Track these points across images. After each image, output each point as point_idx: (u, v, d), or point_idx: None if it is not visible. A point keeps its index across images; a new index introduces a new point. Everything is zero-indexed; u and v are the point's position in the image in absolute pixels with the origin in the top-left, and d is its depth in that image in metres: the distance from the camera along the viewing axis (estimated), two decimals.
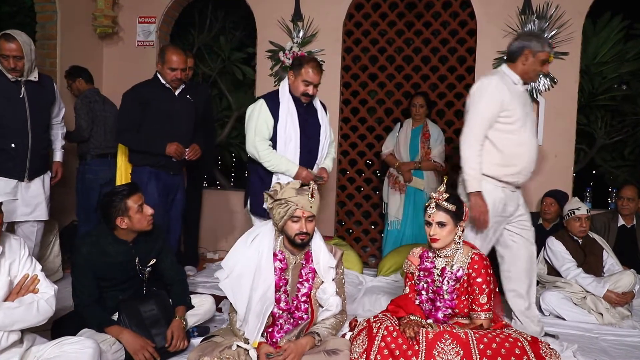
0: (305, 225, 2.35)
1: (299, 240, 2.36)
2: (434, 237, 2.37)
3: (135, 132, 3.36)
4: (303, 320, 2.39)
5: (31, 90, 3.18)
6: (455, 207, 2.37)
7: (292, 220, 2.35)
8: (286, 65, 4.63)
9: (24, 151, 3.15)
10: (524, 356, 2.11)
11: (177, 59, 3.32)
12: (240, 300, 2.36)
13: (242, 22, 5.83)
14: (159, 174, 3.41)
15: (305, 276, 2.42)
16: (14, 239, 2.15)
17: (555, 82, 4.21)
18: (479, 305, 2.33)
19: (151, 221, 2.60)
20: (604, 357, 2.71)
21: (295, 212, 2.33)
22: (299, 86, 3.07)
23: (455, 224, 2.38)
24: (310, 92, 3.08)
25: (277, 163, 3.05)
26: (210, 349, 2.24)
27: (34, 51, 3.16)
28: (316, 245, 2.45)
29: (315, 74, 3.06)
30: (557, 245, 3.49)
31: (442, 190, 2.40)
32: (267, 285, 2.35)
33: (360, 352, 2.23)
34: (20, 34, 3.09)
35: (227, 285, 2.41)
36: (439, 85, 4.62)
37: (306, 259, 2.44)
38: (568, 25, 4.14)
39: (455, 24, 4.50)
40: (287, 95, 3.11)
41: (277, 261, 2.41)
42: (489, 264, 2.40)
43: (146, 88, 3.40)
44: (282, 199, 2.34)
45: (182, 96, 3.48)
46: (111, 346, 2.35)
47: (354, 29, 4.71)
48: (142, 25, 4.93)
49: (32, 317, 2.04)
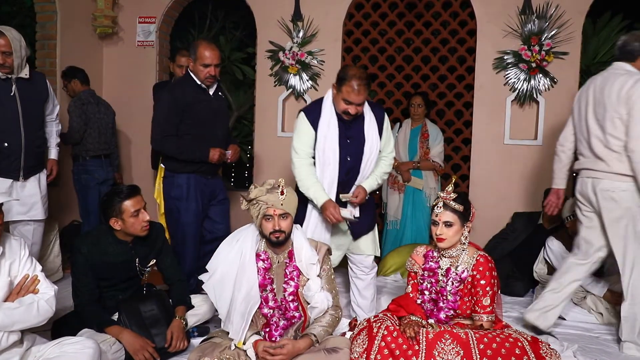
0: (279, 222, 2.35)
1: (274, 238, 2.36)
2: (440, 236, 2.36)
3: (178, 139, 3.14)
4: (296, 318, 2.39)
5: (22, 88, 3.10)
6: (463, 208, 2.36)
7: (265, 220, 2.36)
8: (286, 65, 4.64)
9: (17, 150, 3.10)
10: (524, 356, 2.11)
11: (210, 54, 3.11)
12: (222, 301, 2.37)
13: (242, 22, 5.84)
14: (198, 179, 3.21)
15: (289, 275, 2.42)
16: (14, 239, 2.15)
17: (555, 82, 4.21)
18: (482, 307, 2.32)
19: (146, 227, 2.56)
20: (603, 357, 2.71)
21: (267, 210, 2.34)
22: (340, 103, 2.70)
23: (462, 225, 2.37)
24: (351, 112, 2.69)
25: (307, 186, 2.74)
26: (210, 350, 2.24)
27: (24, 47, 3.07)
28: (298, 243, 2.45)
29: (358, 94, 2.63)
30: (557, 245, 3.49)
31: (450, 190, 2.39)
32: (251, 284, 2.35)
33: (360, 351, 2.23)
34: (9, 30, 3.02)
35: (210, 287, 2.42)
36: (439, 85, 4.62)
37: (289, 258, 2.45)
38: (568, 25, 4.14)
39: (455, 24, 4.51)
40: (330, 108, 2.77)
41: (260, 261, 2.42)
42: (494, 266, 2.39)
43: (180, 89, 3.17)
44: (254, 199, 2.36)
45: (217, 95, 3.29)
46: (111, 346, 2.35)
47: (354, 28, 4.71)
48: (142, 25, 4.93)
49: (32, 317, 2.04)
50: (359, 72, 2.66)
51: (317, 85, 4.63)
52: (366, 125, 2.80)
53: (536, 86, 4.22)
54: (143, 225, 2.54)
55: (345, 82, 2.64)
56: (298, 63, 4.62)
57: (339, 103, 2.71)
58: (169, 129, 3.11)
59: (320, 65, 4.62)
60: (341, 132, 2.75)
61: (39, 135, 3.29)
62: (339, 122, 2.75)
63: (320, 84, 4.63)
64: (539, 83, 4.22)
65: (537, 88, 4.22)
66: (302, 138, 2.77)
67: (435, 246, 2.45)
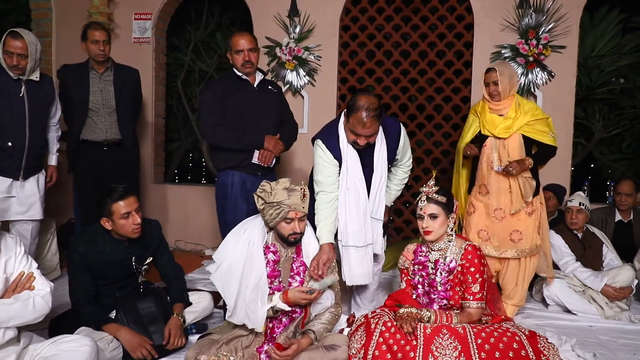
0: (298, 225, 2.36)
1: (292, 239, 2.39)
2: (426, 229, 2.40)
3: (227, 129, 2.96)
4: (297, 314, 2.39)
5: (31, 90, 3.17)
6: (446, 199, 2.40)
7: (285, 222, 2.35)
8: (283, 61, 4.62)
9: (20, 150, 3.14)
10: (521, 350, 2.11)
11: (240, 40, 2.97)
12: (229, 292, 2.35)
13: (239, 18, 5.81)
14: (244, 176, 2.99)
15: (296, 270, 2.43)
16: (10, 237, 2.14)
17: (552, 76, 4.20)
18: (472, 294, 2.33)
19: (137, 230, 2.52)
20: (602, 351, 2.71)
21: (289, 214, 2.33)
22: (349, 133, 2.58)
23: (447, 216, 2.41)
24: (360, 143, 2.55)
25: (317, 219, 2.60)
26: (208, 347, 2.24)
27: (39, 51, 3.15)
28: (307, 239, 2.46)
29: (365, 127, 2.46)
30: (557, 238, 3.50)
31: (432, 184, 2.43)
32: (259, 274, 2.34)
33: (358, 347, 2.23)
34: (27, 34, 3.08)
35: (217, 278, 2.40)
36: (437, 80, 4.61)
37: (297, 253, 2.45)
38: (565, 18, 4.13)
39: (453, 18, 4.49)
40: (344, 136, 2.64)
41: (270, 253, 2.41)
42: (482, 254, 2.43)
43: (219, 81, 3.10)
44: (275, 202, 2.33)
45: (263, 87, 3.10)
46: (109, 344, 2.35)
47: (350, 24, 4.69)
48: (138, 22, 4.91)
49: (29, 313, 2.03)
50: (369, 102, 2.45)
51: (314, 81, 4.62)
52: (376, 155, 2.68)
53: (534, 80, 4.21)
54: (134, 227, 2.51)
55: (353, 112, 2.48)
56: (295, 59, 4.61)
57: (347, 133, 2.59)
58: (215, 119, 2.96)
59: (317, 61, 4.61)
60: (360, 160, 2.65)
61: (42, 137, 3.34)
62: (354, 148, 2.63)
63: (317, 79, 4.61)
64: (536, 77, 4.21)
65: (534, 82, 4.21)
66: (326, 171, 2.63)
67: (424, 241, 2.47)
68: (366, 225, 2.68)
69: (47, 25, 4.53)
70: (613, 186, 4.27)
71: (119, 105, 3.62)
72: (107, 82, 3.59)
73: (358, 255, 2.67)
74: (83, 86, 3.53)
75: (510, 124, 3.02)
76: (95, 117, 3.57)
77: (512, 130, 3.02)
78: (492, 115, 3.09)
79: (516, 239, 3.08)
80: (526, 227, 3.08)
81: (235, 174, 3.00)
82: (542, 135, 3.07)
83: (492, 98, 3.07)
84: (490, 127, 3.06)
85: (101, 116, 3.57)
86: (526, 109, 3.06)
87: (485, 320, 2.37)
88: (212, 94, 3.00)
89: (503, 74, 3.00)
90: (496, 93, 3.04)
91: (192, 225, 4.96)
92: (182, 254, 4.60)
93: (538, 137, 3.06)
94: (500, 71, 3.00)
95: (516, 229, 3.08)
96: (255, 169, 3.01)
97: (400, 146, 2.77)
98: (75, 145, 3.58)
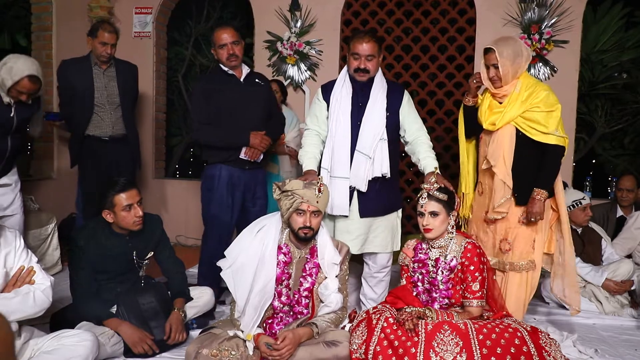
0: (310, 219, 2.33)
1: (302, 234, 2.35)
2: (427, 227, 2.37)
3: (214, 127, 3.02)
4: (303, 314, 2.38)
5: (20, 109, 3.07)
6: (447, 197, 2.37)
7: (297, 214, 2.33)
8: (284, 56, 4.60)
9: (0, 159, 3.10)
10: (523, 346, 2.10)
11: (221, 34, 2.98)
12: (240, 291, 2.34)
13: (240, 12, 5.79)
14: (231, 170, 3.05)
15: (308, 271, 2.40)
16: (9, 231, 2.14)
17: (555, 71, 4.18)
18: (472, 293, 2.32)
19: (139, 222, 2.52)
20: (603, 347, 2.71)
21: (301, 205, 2.31)
22: (351, 63, 2.70)
23: (448, 214, 2.38)
24: (360, 66, 2.65)
25: (301, 153, 2.80)
26: (209, 341, 2.23)
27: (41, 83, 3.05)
28: (322, 241, 2.43)
29: (364, 42, 2.61)
30: None
31: (433, 181, 2.40)
32: (268, 278, 2.33)
33: (359, 343, 2.22)
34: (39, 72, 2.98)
35: (228, 275, 2.38)
36: (438, 74, 4.59)
37: (311, 254, 2.43)
38: (568, 13, 4.11)
39: (455, 13, 4.47)
40: (344, 75, 2.78)
41: (281, 254, 2.40)
42: (482, 252, 2.40)
43: (207, 76, 3.09)
44: (289, 190, 2.32)
45: (250, 81, 3.12)
46: (110, 339, 2.34)
47: (352, 18, 4.67)
48: (138, 16, 4.89)
49: (29, 307, 2.03)
50: (368, 30, 2.84)
51: (315, 76, 4.60)
52: (373, 90, 2.74)
53: (536, 75, 4.19)
54: (135, 220, 2.51)
55: (354, 37, 2.68)
56: (296, 53, 4.59)
57: (350, 64, 2.71)
58: (202, 117, 3.02)
59: (319, 56, 4.59)
60: (354, 98, 2.73)
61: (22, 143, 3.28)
62: (352, 88, 2.75)
63: (319, 74, 4.59)
64: (539, 72, 4.19)
65: (537, 77, 4.19)
66: (314, 107, 2.84)
67: (424, 238, 2.45)
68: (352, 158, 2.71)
69: (48, 19, 4.52)
70: (615, 182, 4.26)
71: (123, 101, 3.63)
72: (110, 78, 3.59)
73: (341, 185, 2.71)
74: (87, 83, 3.52)
75: (499, 116, 2.59)
76: (101, 113, 3.57)
77: (499, 125, 2.59)
78: (491, 102, 2.68)
79: (504, 249, 2.69)
80: (515, 237, 2.65)
81: (223, 167, 3.05)
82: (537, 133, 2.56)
83: (493, 83, 2.63)
84: (483, 116, 2.67)
85: (107, 112, 3.58)
86: (525, 95, 2.56)
87: (486, 316, 2.36)
88: (199, 90, 3.05)
89: (503, 55, 2.54)
90: (497, 78, 2.59)
91: (193, 220, 4.94)
92: (183, 249, 4.60)
93: (533, 135, 2.56)
94: (500, 52, 2.55)
95: (505, 238, 2.68)
96: (243, 163, 3.07)
97: (404, 103, 2.79)
98: (79, 140, 3.58)
